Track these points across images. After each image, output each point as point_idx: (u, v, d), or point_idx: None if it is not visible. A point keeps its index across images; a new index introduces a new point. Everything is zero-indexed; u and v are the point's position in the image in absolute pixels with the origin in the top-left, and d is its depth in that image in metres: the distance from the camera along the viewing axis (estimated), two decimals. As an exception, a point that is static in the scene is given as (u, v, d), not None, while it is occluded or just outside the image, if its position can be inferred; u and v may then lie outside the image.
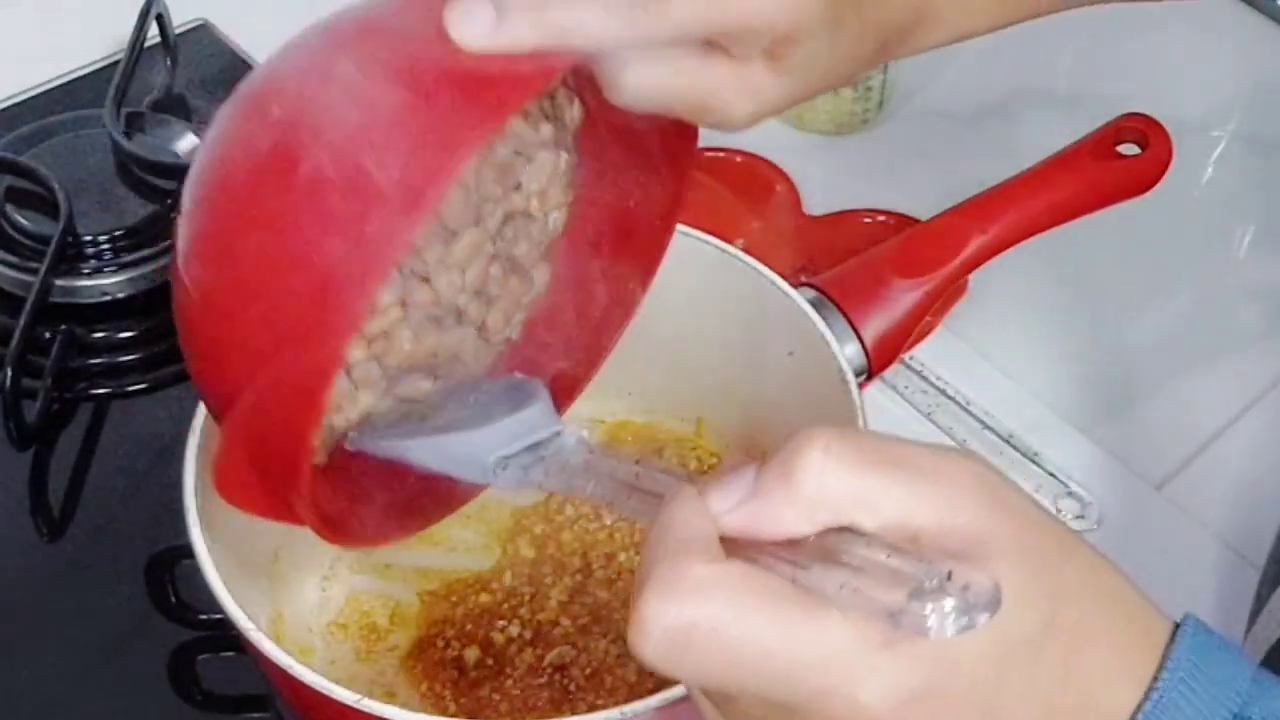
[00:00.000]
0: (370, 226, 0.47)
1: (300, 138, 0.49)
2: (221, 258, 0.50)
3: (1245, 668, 0.42)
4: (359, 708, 0.54)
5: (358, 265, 0.47)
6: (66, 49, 0.99)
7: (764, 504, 0.41)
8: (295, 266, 0.48)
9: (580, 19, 0.48)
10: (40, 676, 0.70)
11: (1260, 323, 0.88)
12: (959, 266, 0.73)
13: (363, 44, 0.51)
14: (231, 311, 0.50)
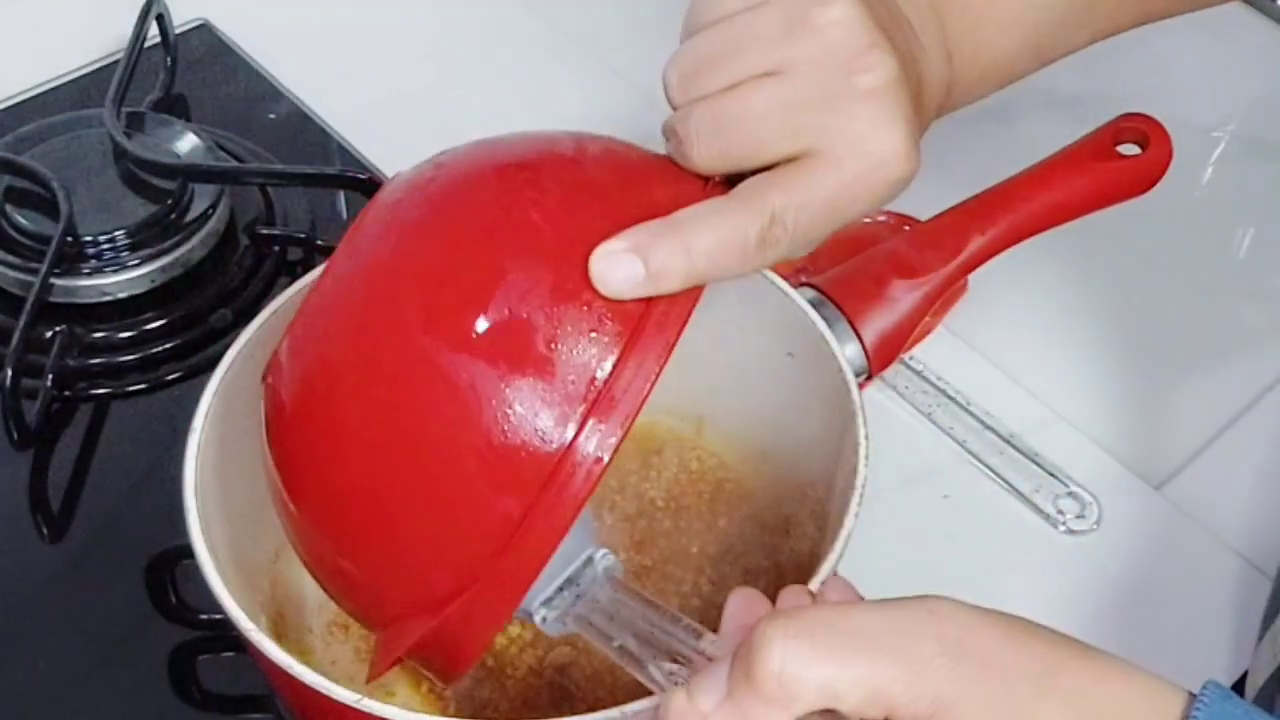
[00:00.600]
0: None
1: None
2: (405, 495, 0.52)
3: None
4: (359, 707, 0.54)
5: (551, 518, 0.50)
6: (66, 49, 0.99)
7: (740, 706, 0.44)
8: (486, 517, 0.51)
9: (722, 266, 0.53)
10: (40, 676, 0.70)
11: (1260, 323, 0.88)
12: (959, 267, 0.73)
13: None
14: (413, 531, 0.52)
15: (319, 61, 0.99)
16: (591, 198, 0.53)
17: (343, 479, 0.53)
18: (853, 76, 0.54)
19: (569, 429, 0.50)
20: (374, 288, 0.53)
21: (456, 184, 0.54)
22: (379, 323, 0.52)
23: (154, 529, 0.74)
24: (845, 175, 0.54)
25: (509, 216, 0.52)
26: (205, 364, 0.80)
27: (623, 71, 1.00)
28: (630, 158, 0.56)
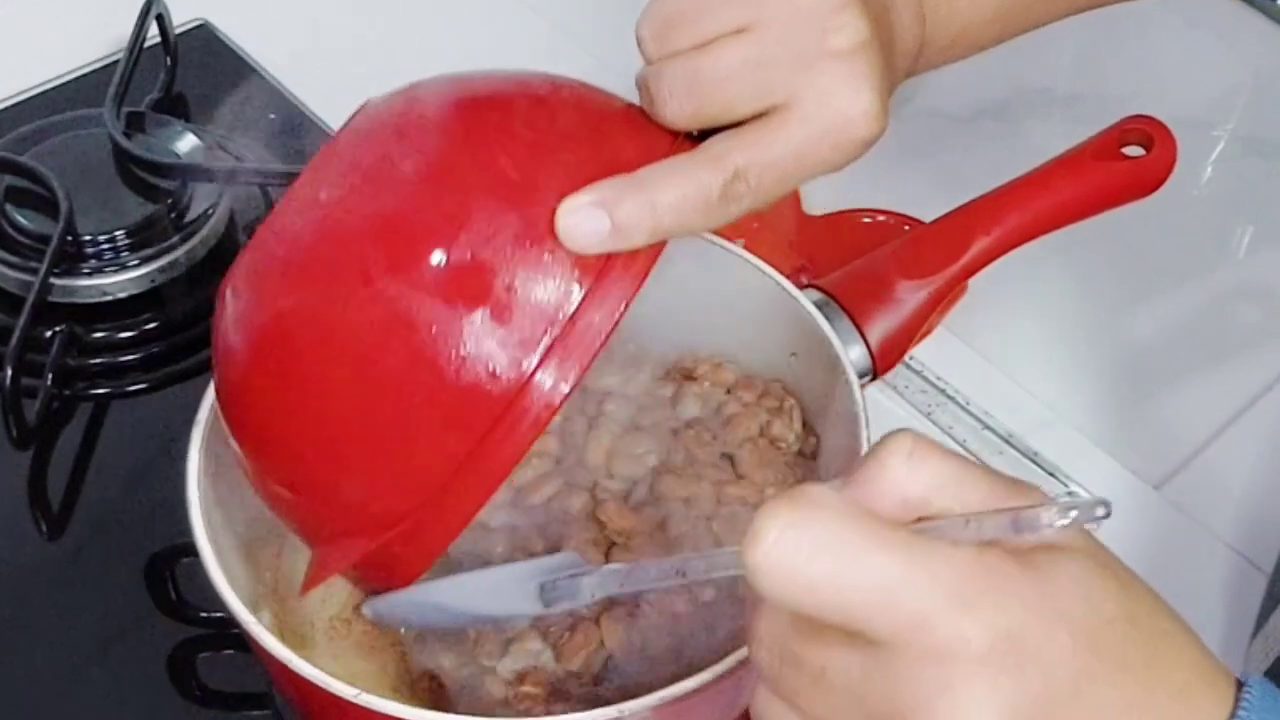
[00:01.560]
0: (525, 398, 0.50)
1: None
2: (358, 412, 0.52)
3: None
4: (358, 703, 0.54)
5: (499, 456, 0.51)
6: (66, 49, 0.99)
7: (860, 492, 0.41)
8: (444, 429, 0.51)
9: (686, 222, 0.53)
10: (40, 674, 0.70)
11: (1260, 323, 0.88)
12: (964, 268, 0.73)
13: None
14: (360, 465, 0.52)
15: (319, 62, 0.99)
16: (561, 146, 0.53)
17: (293, 405, 0.53)
18: (824, 36, 0.54)
19: (523, 371, 0.50)
20: (335, 219, 0.53)
21: (428, 121, 0.54)
22: (337, 253, 0.52)
23: (153, 527, 0.74)
24: (811, 132, 0.54)
25: (477, 159, 0.52)
26: (205, 364, 0.80)
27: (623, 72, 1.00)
28: (602, 108, 0.57)
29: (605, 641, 0.61)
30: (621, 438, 0.67)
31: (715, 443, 0.68)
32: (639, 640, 0.61)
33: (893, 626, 0.39)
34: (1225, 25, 1.06)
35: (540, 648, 0.61)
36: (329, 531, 0.55)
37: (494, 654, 0.61)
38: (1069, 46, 1.05)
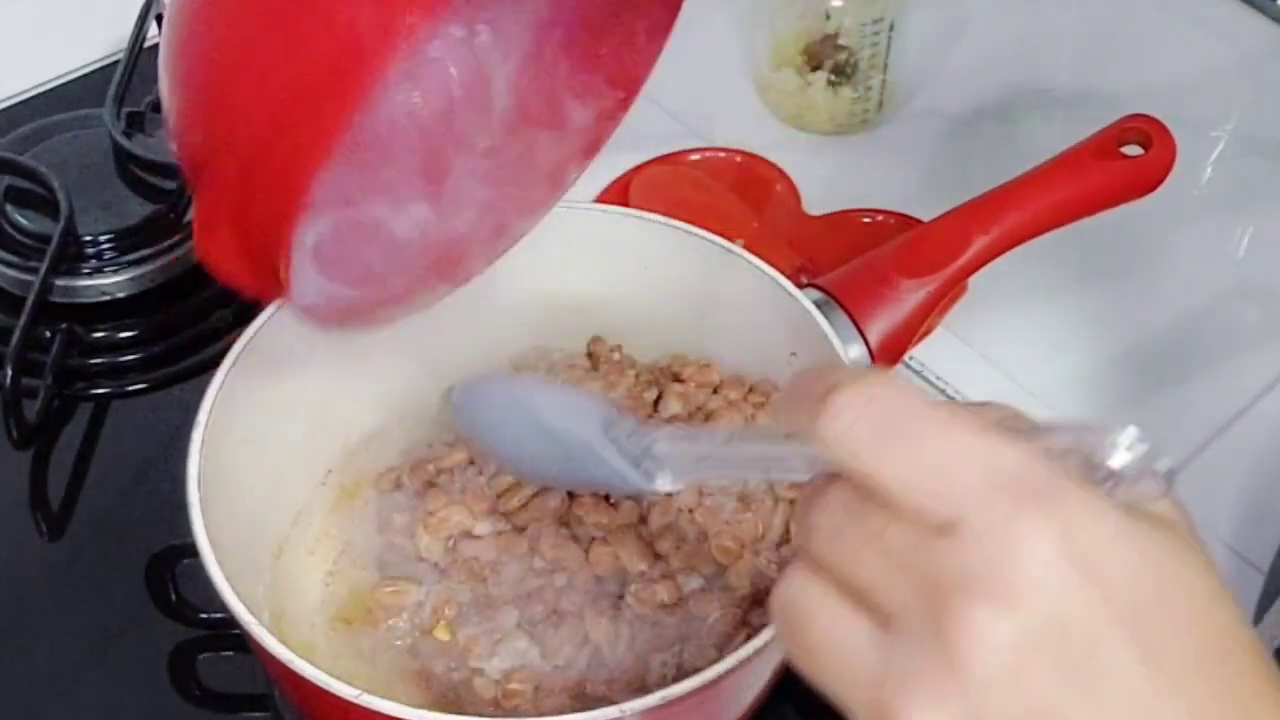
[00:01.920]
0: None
1: None
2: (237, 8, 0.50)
3: None
4: (359, 703, 0.54)
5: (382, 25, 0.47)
6: (66, 49, 0.99)
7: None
8: (317, 30, 0.48)
9: None
10: (40, 674, 0.70)
11: (1260, 323, 0.88)
12: (963, 266, 0.73)
13: None
14: (239, 67, 0.50)
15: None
16: None
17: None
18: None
19: None
20: None
21: None
22: None
23: (154, 527, 0.74)
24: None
25: None
26: (205, 364, 0.81)
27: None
28: None
29: (591, 636, 0.61)
30: None
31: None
32: (625, 633, 0.61)
33: (962, 505, 0.39)
34: (1225, 25, 1.06)
35: (527, 645, 0.61)
36: (211, 148, 0.52)
37: (483, 656, 0.61)
38: (1069, 46, 1.05)
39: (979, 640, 0.38)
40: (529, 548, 0.63)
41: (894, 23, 0.92)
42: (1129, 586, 0.39)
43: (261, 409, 0.66)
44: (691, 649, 0.62)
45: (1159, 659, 0.39)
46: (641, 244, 0.72)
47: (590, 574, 0.63)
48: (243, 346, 0.65)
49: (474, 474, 0.66)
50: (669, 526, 0.64)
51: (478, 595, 0.63)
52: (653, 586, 0.62)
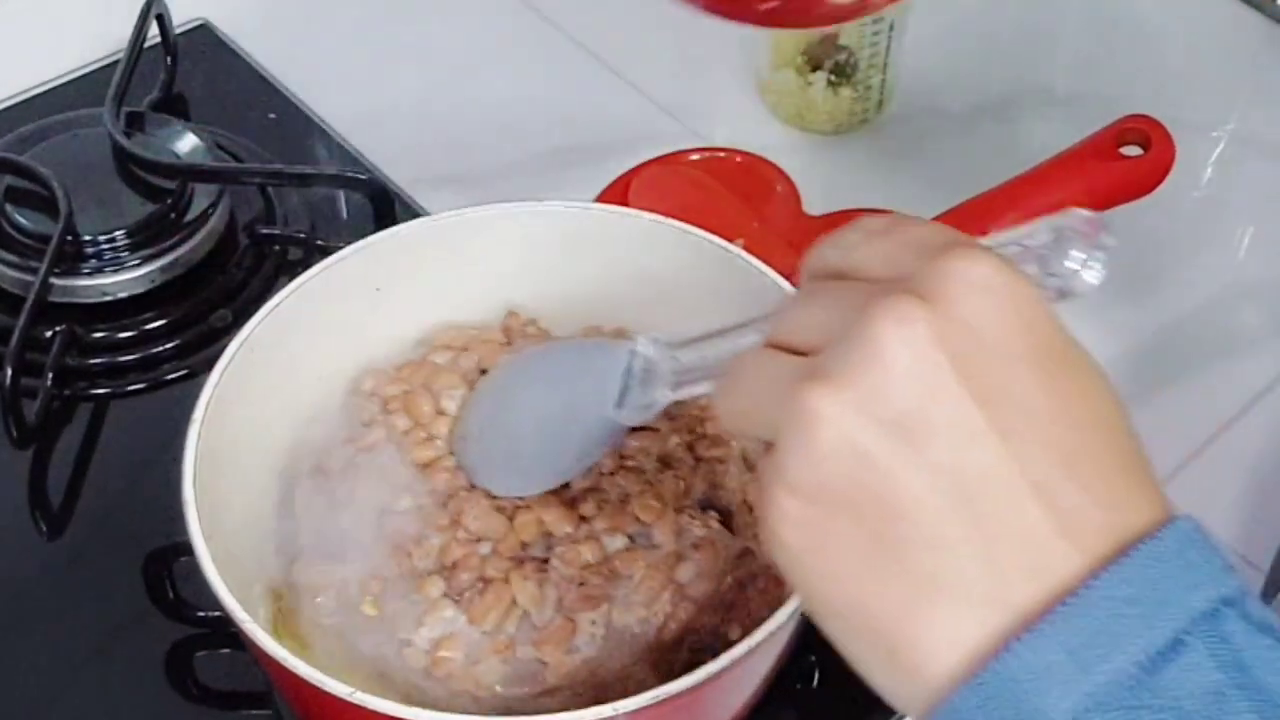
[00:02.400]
0: None
1: None
2: None
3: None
4: (353, 701, 0.54)
5: None
6: (66, 49, 0.99)
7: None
8: None
9: None
10: (38, 672, 0.70)
11: (1260, 323, 0.88)
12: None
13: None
14: None
15: (319, 61, 1.00)
16: None
17: None
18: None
19: None
20: None
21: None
22: None
23: (152, 526, 0.74)
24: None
25: None
26: (205, 364, 0.80)
27: (622, 71, 1.00)
28: None
29: (518, 600, 0.61)
30: None
31: (682, 408, 0.68)
32: (552, 595, 0.61)
33: (910, 268, 0.43)
34: (1225, 25, 1.06)
35: (454, 614, 0.61)
36: None
37: (409, 627, 0.61)
38: (1069, 46, 1.05)
39: (893, 323, 0.41)
40: (451, 520, 0.63)
41: (894, 23, 0.92)
42: (1041, 334, 0.42)
43: (259, 407, 0.66)
44: (619, 607, 0.62)
45: (1060, 396, 0.42)
46: (641, 244, 0.72)
47: (515, 540, 0.63)
48: (240, 343, 0.65)
49: (393, 451, 0.66)
50: (591, 489, 0.64)
51: (403, 569, 0.63)
52: (577, 548, 0.62)
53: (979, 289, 0.42)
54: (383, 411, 0.67)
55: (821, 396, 0.41)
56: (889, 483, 0.41)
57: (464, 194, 0.90)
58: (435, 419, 0.66)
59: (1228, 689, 0.39)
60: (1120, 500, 0.42)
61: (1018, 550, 0.41)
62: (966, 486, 0.41)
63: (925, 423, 0.41)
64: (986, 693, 0.39)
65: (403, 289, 0.71)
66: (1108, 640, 0.39)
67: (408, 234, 0.71)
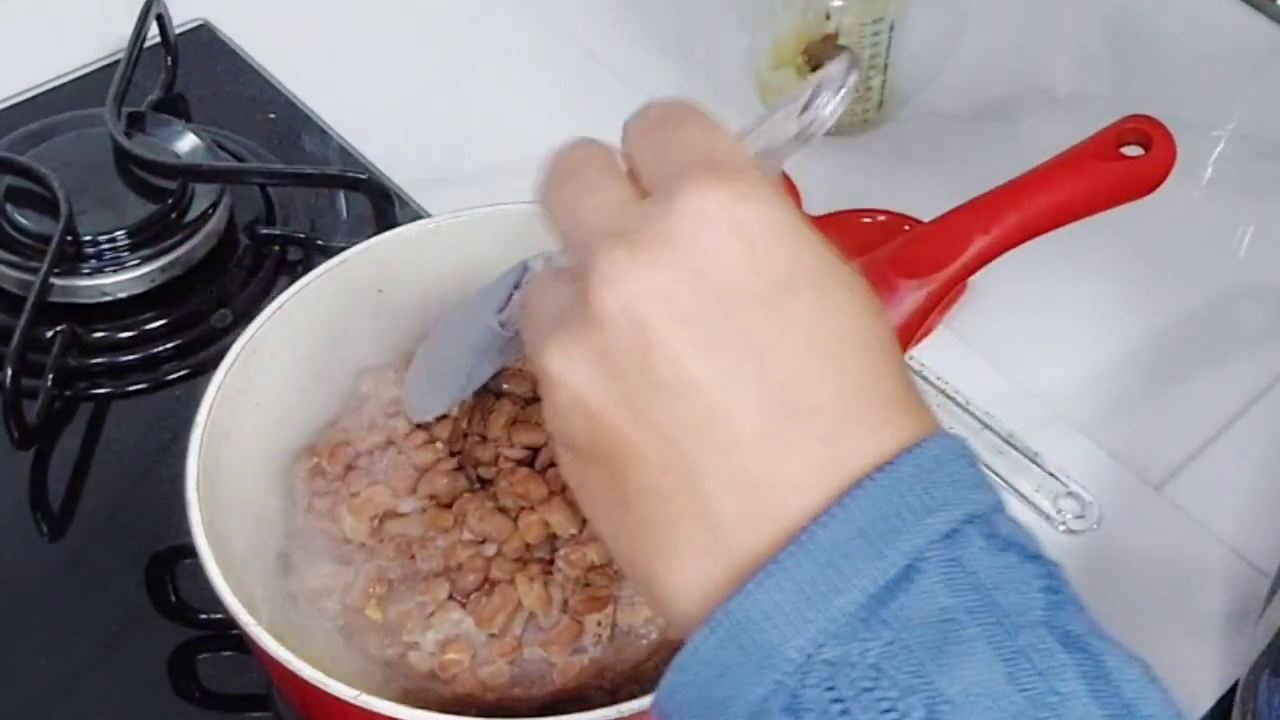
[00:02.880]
0: None
1: None
2: None
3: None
4: (357, 704, 0.54)
5: None
6: (66, 49, 0.99)
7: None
8: None
9: None
10: (39, 674, 0.70)
11: (1260, 323, 0.88)
12: (963, 267, 0.73)
13: None
14: None
15: (319, 61, 1.00)
16: None
17: None
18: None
19: None
20: None
21: None
22: None
23: (154, 528, 0.74)
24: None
25: None
26: (205, 364, 0.81)
27: (621, 71, 1.00)
28: None
29: (524, 602, 0.61)
30: (524, 409, 0.67)
31: None
32: (558, 597, 0.61)
33: (673, 180, 0.43)
34: (1225, 25, 1.06)
35: (460, 616, 0.61)
36: None
37: (415, 630, 0.61)
38: (1069, 46, 1.05)
39: (605, 281, 0.41)
40: (455, 521, 0.63)
41: (894, 23, 0.92)
42: (773, 264, 0.42)
43: (261, 409, 0.66)
44: (624, 607, 0.62)
45: (793, 328, 0.41)
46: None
47: (520, 542, 0.63)
48: (243, 345, 0.65)
49: (394, 454, 0.66)
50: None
51: (407, 571, 0.63)
52: (582, 549, 0.62)
53: (703, 227, 0.42)
54: (382, 414, 0.67)
55: (554, 355, 0.43)
56: (615, 439, 0.42)
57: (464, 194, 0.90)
58: (436, 421, 0.66)
59: (958, 613, 0.39)
60: (851, 431, 0.41)
61: (733, 500, 0.41)
62: (680, 440, 0.41)
63: (643, 380, 0.41)
64: (722, 635, 0.40)
65: (404, 290, 0.71)
66: (837, 575, 0.39)
67: (409, 235, 0.71)
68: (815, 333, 0.42)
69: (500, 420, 0.66)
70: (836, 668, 0.38)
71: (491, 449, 0.66)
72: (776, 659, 0.39)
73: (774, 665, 0.39)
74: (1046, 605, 0.40)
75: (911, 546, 0.39)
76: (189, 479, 0.60)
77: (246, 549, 0.63)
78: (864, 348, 0.42)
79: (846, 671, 0.38)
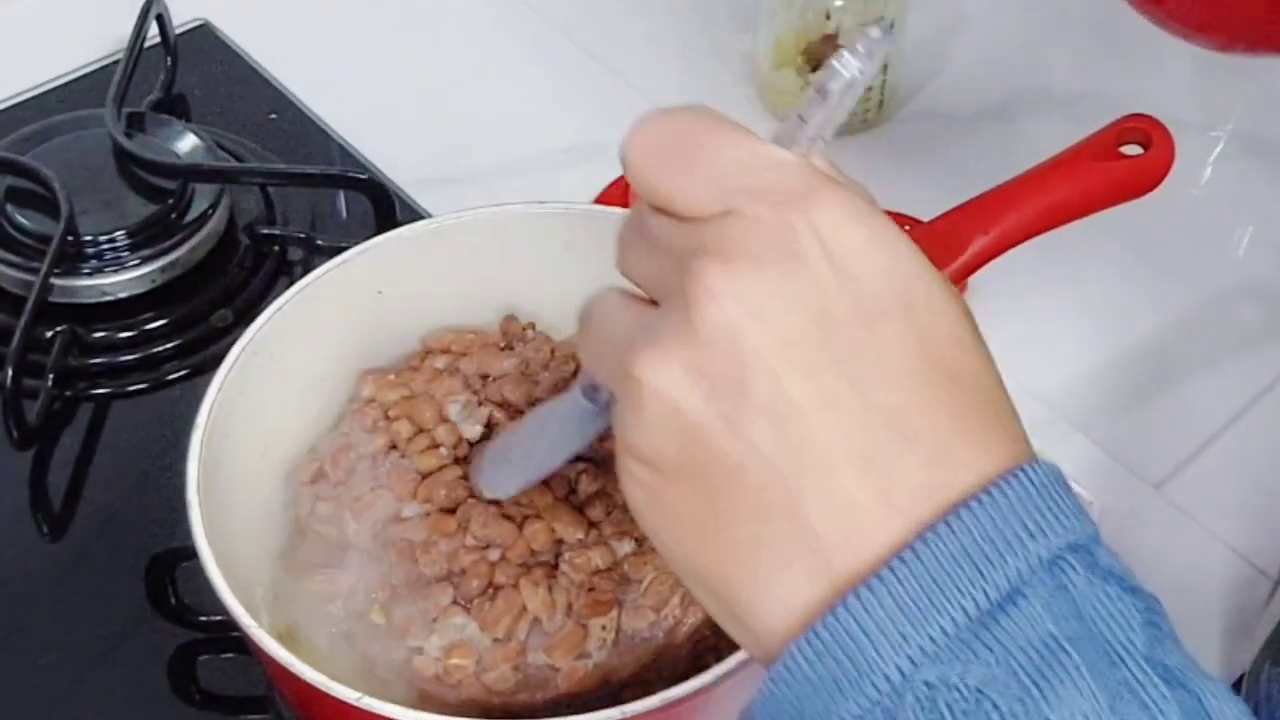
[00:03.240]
0: None
1: None
2: None
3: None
4: (360, 706, 0.54)
5: None
6: (66, 49, 0.99)
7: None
8: None
9: None
10: (39, 675, 0.70)
11: (1260, 323, 0.88)
12: (963, 266, 0.73)
13: None
14: None
15: (319, 61, 1.00)
16: None
17: None
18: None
19: None
20: None
21: None
22: None
23: (154, 529, 0.74)
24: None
25: None
26: (206, 364, 0.81)
27: (622, 71, 1.00)
28: None
29: (528, 606, 0.61)
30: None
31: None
32: (562, 601, 0.61)
33: (732, 203, 0.42)
34: (1225, 25, 1.06)
35: (464, 621, 0.61)
36: None
37: (419, 634, 0.61)
38: (1069, 46, 1.05)
39: (707, 296, 0.41)
40: (459, 526, 0.63)
41: (894, 23, 0.92)
42: (869, 286, 0.41)
43: (261, 410, 0.66)
44: (629, 612, 0.62)
45: (889, 351, 0.41)
46: (641, 245, 0.72)
47: (524, 547, 0.62)
48: (243, 347, 0.65)
49: (397, 458, 0.66)
50: (598, 494, 0.64)
51: (410, 576, 0.62)
52: (587, 553, 0.62)
53: (795, 250, 0.41)
54: (384, 418, 0.67)
55: (647, 366, 0.42)
56: (712, 456, 0.41)
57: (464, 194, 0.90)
58: (439, 425, 0.66)
59: (1062, 641, 0.39)
60: (952, 456, 0.41)
61: (835, 521, 0.41)
62: (780, 462, 0.41)
63: (741, 399, 0.41)
64: (819, 648, 0.40)
65: (404, 291, 0.71)
66: (938, 596, 0.39)
67: (409, 236, 0.71)
68: (914, 356, 0.42)
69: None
70: (936, 689, 0.38)
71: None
72: (874, 676, 0.39)
73: (871, 682, 0.39)
74: (1147, 639, 0.40)
75: (1015, 571, 0.39)
76: (189, 482, 0.60)
77: (247, 550, 0.63)
78: (961, 370, 0.42)
79: (946, 694, 0.38)
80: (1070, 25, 1.06)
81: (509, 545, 0.62)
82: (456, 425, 0.67)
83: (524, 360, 0.70)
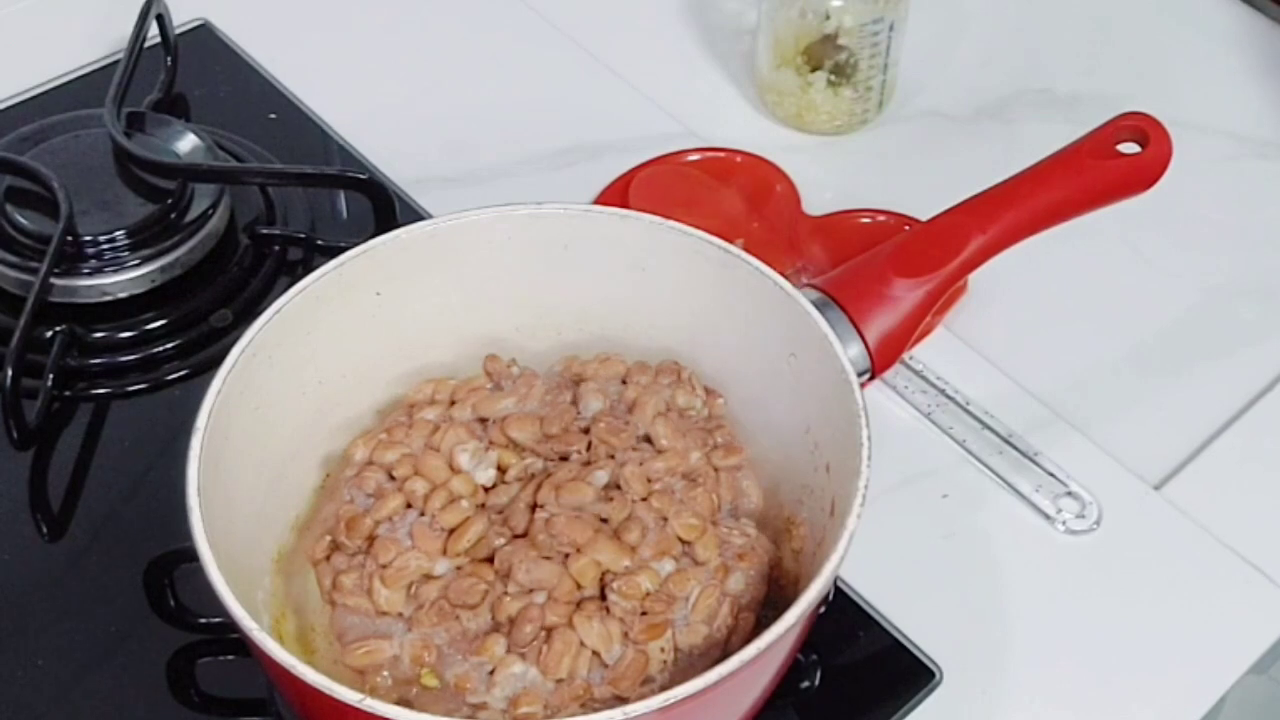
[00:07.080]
0: None
1: None
2: None
3: None
4: (362, 708, 0.53)
5: None
6: (66, 49, 0.99)
7: None
8: None
9: None
10: (38, 677, 0.70)
11: (1260, 322, 0.88)
12: (961, 265, 0.73)
13: None
14: None
15: (319, 61, 1.00)
16: None
17: None
18: None
19: None
20: None
21: None
22: None
23: (153, 530, 0.74)
24: None
25: None
26: (205, 364, 0.81)
27: (622, 71, 1.00)
28: None
29: (585, 642, 0.61)
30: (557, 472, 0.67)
31: (628, 428, 0.68)
32: (617, 630, 0.61)
33: None
34: (1225, 25, 1.06)
35: (524, 668, 0.60)
36: None
37: (479, 690, 0.60)
38: (1069, 46, 1.05)
39: None
40: (499, 574, 0.63)
41: (894, 23, 0.92)
42: None
43: (261, 412, 0.66)
44: (682, 629, 0.62)
45: None
46: (640, 245, 0.72)
47: (570, 585, 0.62)
48: (243, 348, 0.65)
49: (414, 515, 0.65)
50: (630, 519, 0.64)
51: (454, 634, 0.62)
52: (634, 578, 0.62)
53: None
54: (388, 479, 0.67)
55: None
56: None
57: (464, 194, 0.90)
58: (453, 478, 0.66)
59: None
60: None
61: None
62: None
63: None
64: None
65: (403, 292, 0.71)
66: None
67: (408, 238, 0.71)
68: None
69: (550, 486, 0.65)
70: None
71: (525, 510, 0.65)
72: None
73: None
74: None
75: None
76: (190, 485, 0.59)
77: (246, 552, 0.63)
78: None
79: None
80: (1070, 25, 1.06)
81: (555, 585, 0.62)
82: (469, 475, 0.66)
83: (519, 398, 0.69)
